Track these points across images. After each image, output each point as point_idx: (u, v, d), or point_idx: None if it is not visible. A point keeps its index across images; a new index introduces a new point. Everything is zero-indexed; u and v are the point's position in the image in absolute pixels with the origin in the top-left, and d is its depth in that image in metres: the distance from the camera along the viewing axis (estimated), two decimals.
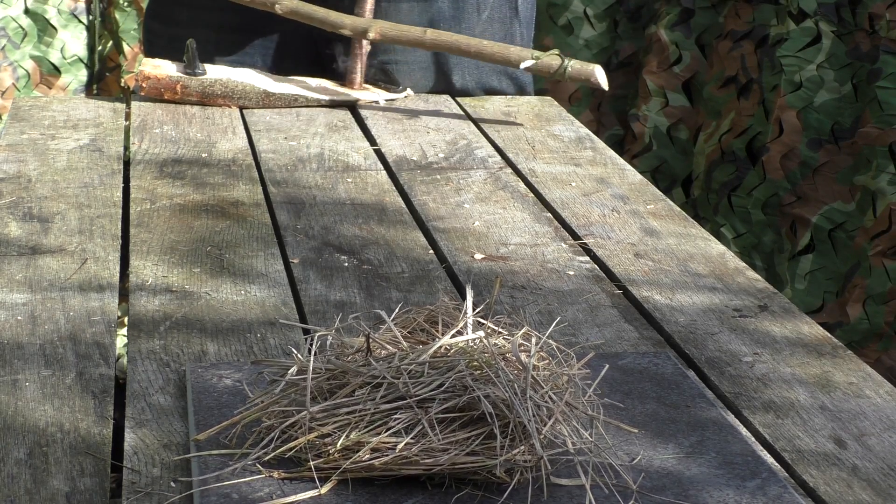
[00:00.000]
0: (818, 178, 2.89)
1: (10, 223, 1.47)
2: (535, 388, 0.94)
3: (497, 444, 0.91)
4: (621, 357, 1.15)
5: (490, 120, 1.94)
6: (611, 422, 1.00)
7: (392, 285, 1.33)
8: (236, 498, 0.91)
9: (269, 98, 1.96)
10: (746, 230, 3.04)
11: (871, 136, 2.75)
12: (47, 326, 1.20)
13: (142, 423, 1.03)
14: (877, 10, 2.78)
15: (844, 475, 1.00)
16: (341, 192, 1.62)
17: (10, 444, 1.00)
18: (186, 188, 1.60)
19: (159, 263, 1.36)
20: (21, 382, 1.09)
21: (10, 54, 3.52)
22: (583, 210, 1.58)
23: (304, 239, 1.45)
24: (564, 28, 3.53)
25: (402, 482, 0.93)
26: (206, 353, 1.16)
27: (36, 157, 1.70)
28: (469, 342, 0.97)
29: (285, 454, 0.93)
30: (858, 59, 2.84)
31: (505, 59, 1.93)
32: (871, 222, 2.75)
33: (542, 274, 1.37)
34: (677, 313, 1.28)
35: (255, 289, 1.30)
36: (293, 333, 1.20)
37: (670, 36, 3.27)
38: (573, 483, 0.93)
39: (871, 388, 1.14)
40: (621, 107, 3.53)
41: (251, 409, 0.97)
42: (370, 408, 0.93)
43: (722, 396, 1.12)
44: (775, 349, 1.21)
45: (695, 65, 3.27)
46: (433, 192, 1.62)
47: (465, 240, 1.47)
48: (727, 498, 0.93)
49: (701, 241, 1.49)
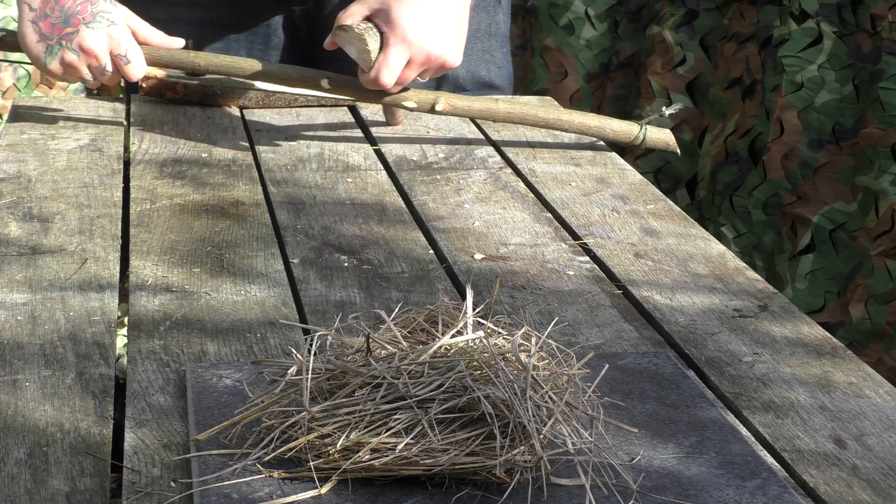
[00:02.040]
0: (819, 178, 2.89)
1: (10, 223, 1.47)
2: (535, 389, 0.94)
3: (497, 444, 0.91)
4: (621, 357, 1.15)
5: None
6: (611, 422, 1.00)
7: (392, 285, 1.33)
8: (236, 498, 0.91)
9: (269, 98, 1.96)
10: (747, 230, 3.04)
11: (873, 137, 2.75)
12: (47, 326, 1.20)
13: (142, 423, 1.03)
14: (879, 11, 2.78)
15: (844, 475, 1.00)
16: (341, 192, 1.62)
17: (10, 444, 1.00)
18: (186, 188, 1.60)
19: (159, 263, 1.36)
20: (21, 382, 1.09)
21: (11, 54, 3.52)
22: (583, 210, 1.58)
23: (304, 239, 1.45)
24: (566, 28, 3.54)
25: (402, 482, 0.93)
26: (206, 353, 1.16)
27: (36, 157, 1.70)
28: (469, 342, 0.97)
29: (285, 454, 0.93)
30: (860, 60, 2.84)
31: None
32: (873, 223, 2.75)
33: (542, 274, 1.37)
34: (677, 313, 1.28)
35: (255, 289, 1.30)
36: (293, 333, 1.20)
37: (675, 37, 3.27)
38: (573, 483, 0.93)
39: (871, 388, 1.14)
40: (622, 107, 3.53)
41: (251, 409, 0.97)
42: (370, 408, 0.93)
43: (722, 396, 1.12)
44: (775, 349, 1.21)
45: (698, 66, 3.27)
46: (433, 192, 1.62)
47: (465, 240, 1.47)
48: (727, 498, 0.93)
49: (701, 241, 1.49)
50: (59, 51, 1.73)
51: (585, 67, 3.54)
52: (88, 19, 1.73)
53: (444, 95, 1.74)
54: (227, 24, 1.99)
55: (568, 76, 3.55)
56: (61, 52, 1.73)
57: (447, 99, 1.74)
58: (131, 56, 1.74)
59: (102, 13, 1.74)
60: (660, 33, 3.29)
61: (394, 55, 1.63)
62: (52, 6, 1.74)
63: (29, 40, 1.75)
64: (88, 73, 1.75)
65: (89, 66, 1.74)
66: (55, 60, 1.73)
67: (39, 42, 1.75)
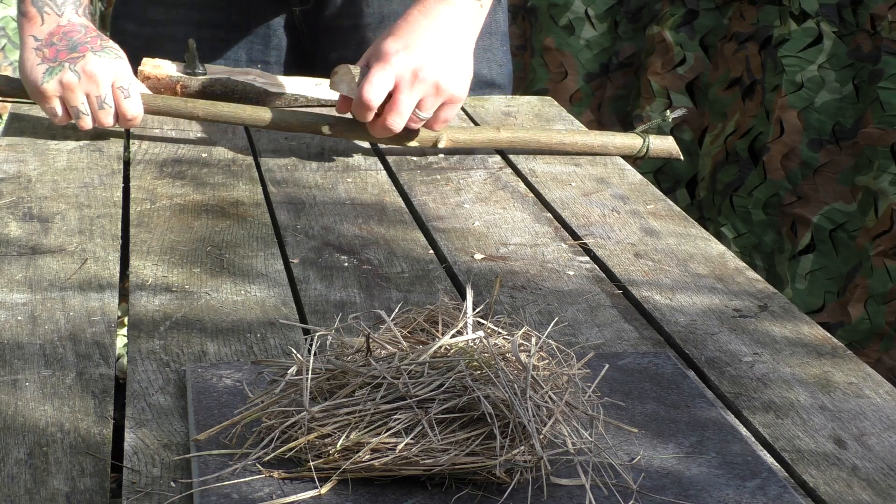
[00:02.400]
0: (818, 178, 2.89)
1: (10, 223, 1.47)
2: (535, 389, 0.94)
3: (497, 444, 0.91)
4: (621, 357, 1.15)
5: (490, 120, 1.94)
6: (611, 422, 1.00)
7: (392, 285, 1.33)
8: (236, 498, 0.91)
9: (269, 98, 1.96)
10: (747, 230, 3.04)
11: (873, 137, 2.75)
12: (47, 326, 1.20)
13: (142, 423, 1.03)
14: (879, 11, 2.78)
15: (844, 475, 1.00)
16: (341, 192, 1.62)
17: (10, 444, 1.00)
18: (186, 188, 1.60)
19: (159, 263, 1.36)
20: (21, 382, 1.09)
21: (11, 54, 3.52)
22: (583, 210, 1.58)
23: (304, 239, 1.45)
24: (566, 28, 3.54)
25: (402, 482, 0.93)
26: (206, 353, 1.16)
27: (36, 157, 1.70)
28: (469, 342, 0.97)
29: (285, 454, 0.93)
30: (860, 60, 2.84)
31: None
32: (872, 222, 2.75)
33: (542, 274, 1.37)
34: (677, 313, 1.28)
35: (255, 289, 1.30)
36: (293, 333, 1.20)
37: (675, 37, 3.27)
38: (573, 483, 0.93)
39: (871, 388, 1.14)
40: (621, 107, 3.53)
41: (251, 409, 0.97)
42: (370, 408, 0.93)
43: (722, 396, 1.12)
44: (775, 349, 1.21)
45: (698, 66, 3.27)
46: (433, 192, 1.63)
47: (465, 240, 1.47)
48: (727, 498, 0.93)
49: (701, 241, 1.49)
50: (60, 71, 1.68)
51: (585, 67, 3.54)
52: (97, 49, 1.70)
53: (446, 131, 1.73)
54: (226, 24, 1.99)
55: (568, 76, 3.56)
56: (62, 72, 1.67)
57: (449, 135, 1.74)
58: (132, 92, 1.70)
59: (112, 48, 1.72)
60: (660, 33, 3.29)
61: (376, 74, 1.61)
62: (59, 36, 1.70)
63: (29, 65, 1.70)
64: (84, 101, 1.69)
65: (87, 93, 1.68)
66: (53, 80, 1.67)
67: (40, 65, 1.70)
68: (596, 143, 1.78)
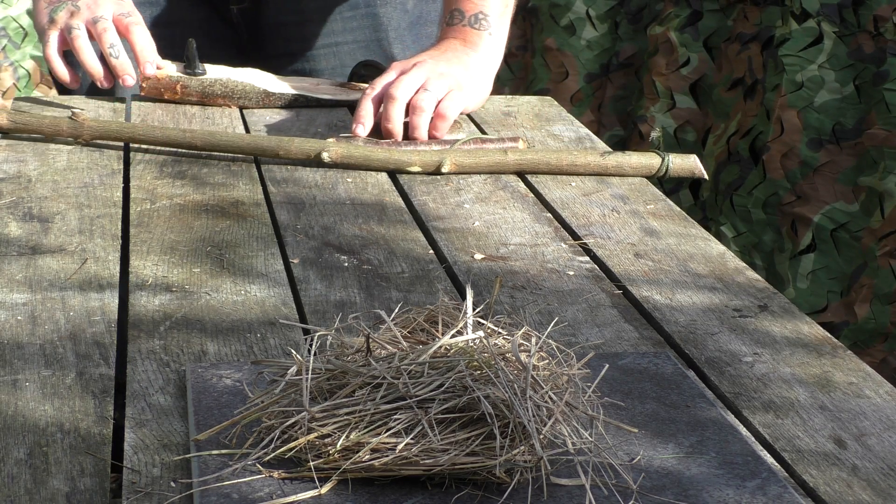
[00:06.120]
0: (818, 177, 2.89)
1: (10, 223, 1.47)
2: (535, 389, 0.94)
3: (497, 444, 0.91)
4: (621, 357, 1.15)
5: (490, 120, 1.94)
6: (611, 422, 1.00)
7: (392, 285, 1.33)
8: (236, 498, 0.91)
9: (269, 98, 1.96)
10: (747, 229, 3.04)
11: (878, 138, 2.75)
12: (47, 326, 1.20)
13: (142, 423, 1.03)
14: (882, 13, 2.78)
15: (844, 475, 1.00)
16: (341, 192, 1.62)
17: (10, 444, 1.00)
18: (186, 188, 1.60)
19: (159, 263, 1.36)
20: (21, 382, 1.09)
21: (11, 54, 3.52)
22: (583, 210, 1.58)
23: (304, 239, 1.45)
24: (566, 28, 3.54)
25: (402, 482, 0.93)
26: (206, 353, 1.16)
27: (36, 157, 1.70)
28: (469, 342, 0.97)
29: (285, 454, 0.93)
30: (861, 61, 2.84)
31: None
32: (877, 223, 2.75)
33: (542, 274, 1.37)
34: (677, 313, 1.28)
35: (255, 289, 1.30)
36: (293, 333, 1.20)
37: (679, 38, 3.27)
38: (573, 483, 0.93)
39: (871, 388, 1.14)
40: (622, 107, 3.53)
41: (251, 409, 0.97)
42: (370, 408, 0.93)
43: (722, 396, 1.12)
44: (775, 349, 1.21)
45: (702, 67, 3.27)
46: (433, 192, 1.62)
47: (465, 240, 1.47)
48: (727, 498, 0.93)
49: (701, 241, 1.49)
50: (64, 9, 1.81)
51: (586, 68, 3.55)
52: None
53: (449, 155, 1.67)
54: (167, 22, 2.04)
55: (569, 76, 3.56)
56: (66, 9, 1.81)
57: (453, 158, 1.67)
58: (136, 18, 1.84)
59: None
60: (664, 34, 3.29)
61: (384, 76, 1.80)
62: None
63: (38, 11, 1.84)
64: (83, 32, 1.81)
65: (93, 20, 1.80)
66: (59, 13, 1.81)
67: (47, 7, 1.84)
68: (610, 164, 1.69)
